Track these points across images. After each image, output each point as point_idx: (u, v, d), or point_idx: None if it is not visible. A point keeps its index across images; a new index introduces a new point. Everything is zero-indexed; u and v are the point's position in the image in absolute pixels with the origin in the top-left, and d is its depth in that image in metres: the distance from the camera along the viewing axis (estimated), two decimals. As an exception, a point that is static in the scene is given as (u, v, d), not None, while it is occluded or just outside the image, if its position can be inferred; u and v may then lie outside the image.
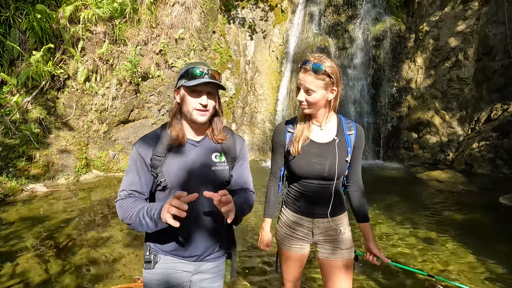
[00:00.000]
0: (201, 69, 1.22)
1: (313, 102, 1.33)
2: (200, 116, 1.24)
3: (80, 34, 6.09)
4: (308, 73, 1.31)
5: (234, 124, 7.89)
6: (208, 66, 1.26)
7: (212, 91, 1.25)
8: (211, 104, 1.25)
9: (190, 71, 1.22)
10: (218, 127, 1.33)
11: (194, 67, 1.23)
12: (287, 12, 8.70)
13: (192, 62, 1.29)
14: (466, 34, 7.11)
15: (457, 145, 6.94)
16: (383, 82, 7.73)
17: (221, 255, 1.37)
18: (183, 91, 1.24)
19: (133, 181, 1.24)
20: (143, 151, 1.25)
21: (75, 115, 5.97)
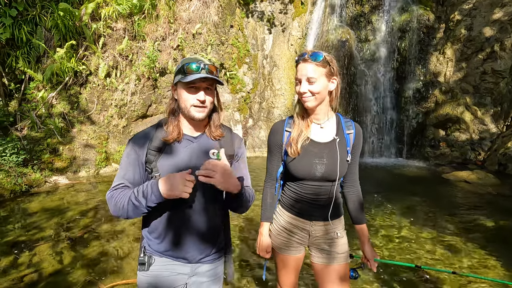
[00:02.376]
0: (197, 63, 1.17)
1: (316, 92, 1.26)
2: (198, 113, 1.20)
3: (102, 30, 6.25)
4: (308, 62, 1.26)
5: (251, 119, 7.82)
6: (204, 60, 1.21)
7: (209, 86, 1.21)
8: (209, 99, 1.21)
9: (186, 67, 1.17)
10: (216, 123, 1.29)
11: (190, 62, 1.18)
12: (307, 4, 8.43)
13: (188, 57, 1.23)
14: (504, 23, 6.52)
15: (489, 144, 6.43)
16: (409, 76, 7.30)
17: (218, 257, 1.32)
18: (180, 87, 1.20)
19: (126, 176, 1.21)
20: (137, 146, 1.22)
21: (96, 110, 6.16)
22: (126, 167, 1.22)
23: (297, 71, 1.31)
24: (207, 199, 1.25)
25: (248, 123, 7.80)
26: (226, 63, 7.51)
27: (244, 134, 7.60)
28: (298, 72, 1.31)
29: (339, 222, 1.43)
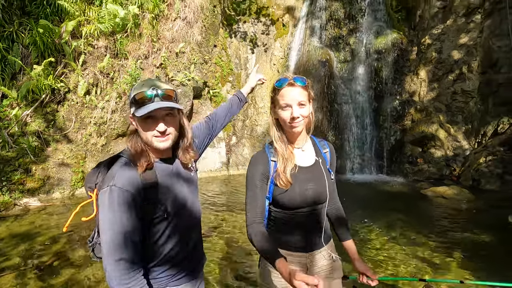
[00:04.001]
0: (150, 91, 1.08)
1: (306, 115, 1.25)
2: (161, 143, 1.12)
3: (82, 48, 6.17)
4: (296, 86, 1.23)
5: (235, 137, 7.82)
6: (159, 85, 1.12)
7: (170, 112, 1.13)
8: (171, 127, 1.13)
9: (138, 96, 1.08)
10: (185, 146, 1.24)
11: (141, 91, 1.09)
12: (288, 26, 8.75)
13: (140, 82, 1.14)
14: (470, 47, 7.01)
15: (463, 160, 6.72)
16: (386, 95, 7.61)
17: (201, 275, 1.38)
18: (136, 119, 1.11)
19: (130, 237, 1.01)
20: (129, 185, 1.04)
21: (74, 128, 5.97)
22: (126, 226, 1.00)
23: (283, 96, 1.25)
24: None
25: (231, 140, 7.78)
26: (209, 81, 7.56)
27: (228, 151, 7.57)
28: (285, 98, 1.24)
29: (331, 245, 1.40)
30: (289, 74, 1.30)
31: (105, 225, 1.01)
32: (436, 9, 7.42)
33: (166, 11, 7.09)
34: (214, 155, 7.37)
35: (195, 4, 7.26)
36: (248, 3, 8.72)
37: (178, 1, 7.18)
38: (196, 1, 7.32)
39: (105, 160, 1.18)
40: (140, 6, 6.67)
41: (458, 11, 7.11)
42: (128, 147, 1.15)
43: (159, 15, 6.99)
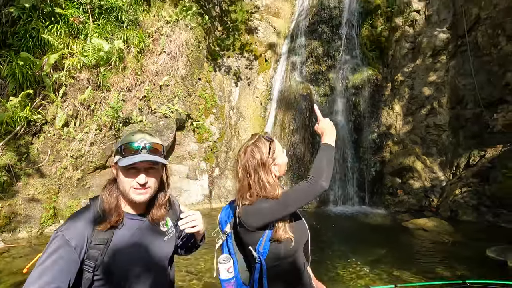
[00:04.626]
0: (138, 143, 1.11)
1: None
2: (138, 195, 1.11)
3: (63, 80, 6.11)
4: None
5: (218, 168, 7.74)
6: (147, 138, 1.14)
7: (153, 166, 1.14)
8: (152, 181, 1.13)
9: (125, 147, 1.10)
10: (159, 202, 1.21)
11: (130, 142, 1.11)
12: (270, 62, 9.14)
13: (130, 133, 1.17)
14: (438, 84, 7.54)
15: (440, 191, 6.92)
16: (365, 127, 7.91)
17: None
18: (119, 168, 1.11)
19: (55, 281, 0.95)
20: (75, 239, 1.01)
21: (48, 161, 5.72)
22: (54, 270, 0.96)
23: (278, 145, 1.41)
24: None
25: (214, 172, 7.69)
26: (193, 113, 7.61)
27: (210, 184, 7.44)
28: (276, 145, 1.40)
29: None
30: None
31: (37, 263, 0.97)
32: (406, 50, 8.03)
33: (152, 45, 7.26)
34: (196, 187, 7.21)
35: (180, 39, 7.49)
36: (232, 39, 9.12)
37: (164, 37, 7.39)
38: (182, 37, 7.56)
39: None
40: (126, 41, 6.80)
41: (426, 52, 7.73)
42: (101, 199, 1.12)
43: (144, 49, 7.14)
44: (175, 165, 7.16)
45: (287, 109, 8.04)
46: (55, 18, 6.15)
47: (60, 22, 6.18)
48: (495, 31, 6.63)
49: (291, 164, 7.44)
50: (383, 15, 8.37)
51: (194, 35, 7.88)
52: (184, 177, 7.16)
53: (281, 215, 1.25)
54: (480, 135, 6.73)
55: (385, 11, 8.35)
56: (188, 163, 7.34)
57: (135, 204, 1.16)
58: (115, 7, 6.74)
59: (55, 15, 6.13)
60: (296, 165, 7.46)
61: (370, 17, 8.58)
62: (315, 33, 8.92)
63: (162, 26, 7.47)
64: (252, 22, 9.42)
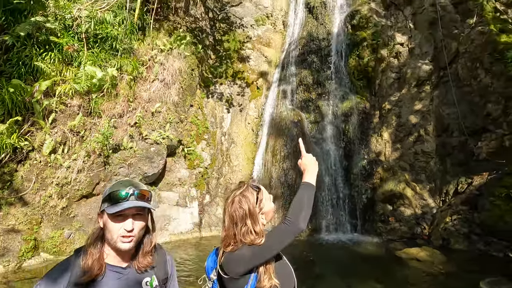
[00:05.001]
0: (126, 190, 1.14)
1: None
2: (124, 244, 1.12)
3: (54, 106, 6.08)
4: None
5: (208, 195, 7.61)
6: (135, 185, 1.18)
7: (140, 212, 1.17)
8: (138, 227, 1.16)
9: (113, 195, 1.13)
10: (146, 249, 1.21)
11: (117, 190, 1.14)
12: (262, 89, 9.36)
13: (118, 181, 1.20)
14: (424, 113, 7.80)
15: (431, 218, 6.92)
16: (355, 154, 8.02)
17: None
18: (106, 216, 1.13)
19: None
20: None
21: (32, 189, 5.53)
22: None
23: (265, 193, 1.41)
24: None
25: (204, 199, 7.56)
26: (184, 140, 7.60)
27: (200, 211, 7.28)
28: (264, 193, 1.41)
29: None
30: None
31: None
32: (392, 80, 8.37)
33: (145, 73, 7.37)
34: (186, 215, 7.04)
35: (173, 67, 7.64)
36: (225, 67, 9.36)
37: (157, 65, 7.53)
38: (175, 65, 7.72)
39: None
40: (119, 68, 6.89)
41: (411, 82, 8.07)
42: (84, 250, 1.13)
43: (138, 76, 7.23)
44: (165, 192, 7.02)
45: (278, 135, 8.13)
46: (50, 46, 6.23)
47: (55, 50, 6.25)
48: (473, 64, 7.02)
49: (283, 191, 7.40)
50: (369, 47, 8.78)
51: (187, 63, 8.07)
52: (174, 204, 7.00)
53: (264, 259, 1.26)
54: (466, 162, 6.89)
55: (371, 43, 8.77)
56: (178, 190, 7.21)
57: (121, 253, 1.16)
58: (110, 36, 6.89)
59: (49, 43, 6.21)
60: (287, 192, 7.42)
61: (357, 49, 8.99)
62: (305, 63, 9.25)
63: (156, 54, 7.64)
64: (244, 51, 9.74)
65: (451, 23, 7.82)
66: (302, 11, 10.33)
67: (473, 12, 7.49)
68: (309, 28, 9.72)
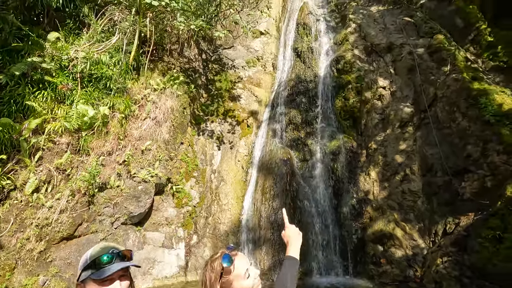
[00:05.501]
0: (109, 253, 1.16)
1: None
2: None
3: (41, 144, 6.02)
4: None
5: (196, 235, 7.37)
6: (115, 247, 1.21)
7: (125, 272, 1.21)
8: (125, 285, 1.20)
9: (98, 260, 1.14)
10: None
11: (101, 254, 1.15)
12: (252, 127, 9.56)
13: (96, 247, 1.24)
14: (408, 153, 8.06)
15: (422, 259, 6.83)
16: (344, 193, 8.06)
17: None
18: (91, 283, 1.13)
19: None
20: None
21: (9, 231, 5.26)
22: None
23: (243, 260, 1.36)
24: None
25: (192, 240, 7.30)
26: (173, 177, 7.53)
27: (187, 253, 6.99)
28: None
29: None
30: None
31: None
32: (376, 120, 8.74)
33: (137, 111, 7.49)
34: (171, 257, 6.73)
35: (166, 106, 7.82)
36: (216, 105, 9.62)
37: (150, 103, 7.70)
38: (167, 104, 7.91)
39: None
40: (112, 107, 6.99)
41: (394, 123, 8.44)
42: None
43: (130, 115, 7.33)
44: (150, 233, 6.77)
45: (268, 173, 8.16)
46: (43, 85, 6.35)
47: (48, 89, 6.36)
48: (451, 108, 7.46)
49: (272, 232, 7.25)
50: (353, 89, 9.27)
51: (179, 101, 8.28)
52: (159, 246, 6.72)
53: None
54: (452, 202, 7.00)
55: (355, 86, 9.28)
56: (165, 230, 6.98)
57: None
58: (105, 76, 7.09)
59: (44, 82, 6.33)
60: (277, 233, 7.26)
61: (343, 90, 9.47)
62: (294, 103, 9.62)
63: (149, 93, 7.84)
64: (235, 90, 10.10)
65: (428, 69, 8.43)
66: (291, 55, 10.98)
67: (446, 61, 8.14)
68: (297, 71, 10.27)
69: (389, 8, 11.13)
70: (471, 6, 8.93)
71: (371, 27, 10.28)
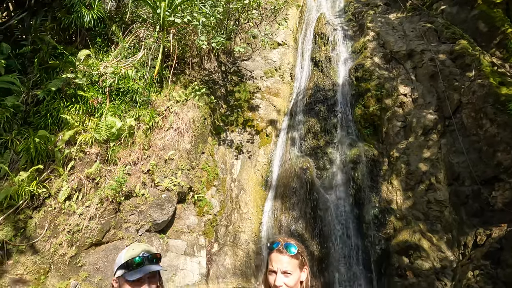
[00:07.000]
0: (140, 256, 1.28)
1: (291, 285, 1.27)
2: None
3: (74, 154, 6.40)
4: (284, 254, 1.31)
5: (216, 244, 7.45)
6: (147, 249, 1.31)
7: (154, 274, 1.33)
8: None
9: (130, 262, 1.26)
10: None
11: (133, 256, 1.26)
12: (271, 136, 9.65)
13: (130, 248, 1.34)
14: (433, 161, 7.80)
15: (451, 273, 6.52)
16: (365, 202, 7.89)
17: None
18: (124, 282, 1.27)
19: None
20: None
21: (44, 236, 5.59)
22: None
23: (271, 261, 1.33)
24: None
25: (213, 248, 7.38)
26: (194, 186, 7.70)
27: (208, 261, 7.07)
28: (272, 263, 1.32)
29: None
30: (282, 238, 1.36)
31: None
32: (398, 128, 8.57)
33: (161, 122, 7.80)
34: (193, 265, 6.83)
35: (187, 117, 8.09)
36: (236, 115, 9.82)
37: (173, 114, 8.00)
38: (189, 114, 8.18)
39: None
40: (137, 118, 7.34)
41: (417, 130, 8.23)
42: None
43: (154, 125, 7.64)
44: (173, 240, 6.93)
45: (287, 182, 8.16)
46: (76, 99, 6.78)
47: (80, 103, 6.79)
48: (477, 114, 7.21)
49: (293, 241, 7.19)
50: (373, 97, 9.17)
51: (200, 112, 8.54)
52: (182, 253, 6.85)
53: None
54: (482, 212, 6.69)
55: (375, 94, 9.18)
56: (187, 237, 7.11)
57: None
58: (131, 89, 7.48)
59: (76, 96, 6.77)
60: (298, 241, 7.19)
61: (362, 98, 9.39)
62: (313, 111, 9.64)
63: (172, 105, 8.15)
64: (254, 100, 10.28)
65: (451, 75, 8.23)
66: (308, 65, 11.07)
67: (471, 66, 7.92)
68: (315, 80, 10.32)
69: (408, 15, 11.02)
70: (495, 10, 8.69)
71: (390, 35, 10.20)
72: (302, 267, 1.32)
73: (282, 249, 1.31)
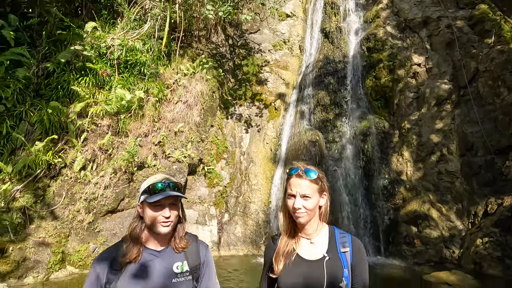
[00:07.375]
0: (162, 183, 1.32)
1: (311, 208, 1.26)
2: (163, 228, 1.30)
3: (86, 126, 6.50)
4: (303, 178, 1.26)
5: (227, 214, 7.65)
6: (169, 178, 1.37)
7: (175, 202, 1.35)
8: (174, 214, 1.34)
9: (152, 187, 1.31)
10: (180, 234, 1.40)
11: (155, 182, 1.32)
12: (280, 110, 9.57)
13: (153, 176, 1.38)
14: (446, 132, 7.66)
15: (460, 241, 6.57)
16: (375, 174, 7.88)
17: None
18: (146, 206, 1.32)
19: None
20: (99, 266, 1.27)
21: (62, 204, 5.82)
22: (86, 284, 1.27)
23: (290, 186, 1.29)
24: None
25: (224, 217, 7.58)
26: (205, 158, 7.80)
27: (220, 230, 7.29)
28: (291, 187, 1.29)
29: None
30: (302, 164, 1.33)
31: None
32: (410, 99, 8.36)
33: (169, 95, 7.80)
34: (205, 233, 7.07)
35: (196, 90, 8.05)
36: (244, 89, 9.73)
37: (181, 87, 7.97)
38: (197, 88, 8.14)
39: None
40: (146, 91, 7.35)
41: (430, 101, 8.02)
42: (128, 232, 1.36)
43: (162, 98, 7.65)
44: (185, 210, 7.12)
45: (296, 155, 8.18)
46: (85, 72, 6.80)
47: (89, 75, 6.80)
48: (495, 82, 6.94)
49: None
50: (385, 68, 8.90)
51: (208, 86, 8.48)
52: (194, 222, 7.07)
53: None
54: (494, 182, 6.61)
55: (387, 64, 8.90)
56: (198, 208, 7.31)
57: (158, 238, 1.34)
58: (139, 62, 7.43)
59: (85, 69, 6.78)
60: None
61: (374, 70, 9.13)
62: (322, 84, 9.45)
63: (180, 78, 8.11)
64: (262, 74, 10.12)
65: (468, 43, 7.87)
66: (318, 36, 10.73)
67: (490, 32, 7.54)
68: (325, 52, 10.04)
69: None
70: (520, -29, 8.12)
71: (405, 2, 9.71)
72: (321, 193, 1.30)
73: (301, 173, 1.28)
